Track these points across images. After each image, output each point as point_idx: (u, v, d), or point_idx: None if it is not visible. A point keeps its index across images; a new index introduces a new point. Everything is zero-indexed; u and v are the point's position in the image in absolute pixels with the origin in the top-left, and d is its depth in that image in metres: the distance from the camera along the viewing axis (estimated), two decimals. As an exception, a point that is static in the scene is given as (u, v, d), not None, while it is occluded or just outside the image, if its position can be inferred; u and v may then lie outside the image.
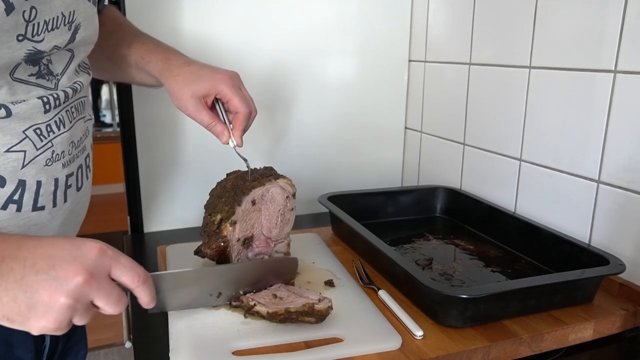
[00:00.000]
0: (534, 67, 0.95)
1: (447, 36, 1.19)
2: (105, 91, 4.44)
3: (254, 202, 0.77)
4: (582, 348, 0.74)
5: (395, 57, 1.31)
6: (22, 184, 0.62)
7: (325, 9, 1.20)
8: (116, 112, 4.08)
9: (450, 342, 0.68)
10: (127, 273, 0.54)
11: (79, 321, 0.52)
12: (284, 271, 0.77)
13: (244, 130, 0.80)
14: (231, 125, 0.80)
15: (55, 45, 0.62)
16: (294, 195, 0.80)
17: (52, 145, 0.64)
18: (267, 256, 0.79)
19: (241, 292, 0.73)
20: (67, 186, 0.68)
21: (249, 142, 1.19)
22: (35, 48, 0.59)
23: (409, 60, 1.32)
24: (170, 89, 0.79)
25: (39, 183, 0.63)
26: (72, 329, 0.83)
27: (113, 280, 0.53)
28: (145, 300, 0.57)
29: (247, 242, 0.77)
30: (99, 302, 0.52)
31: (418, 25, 1.28)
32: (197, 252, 0.79)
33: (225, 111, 0.81)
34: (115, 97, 1.14)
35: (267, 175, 0.79)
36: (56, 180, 0.66)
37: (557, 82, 0.91)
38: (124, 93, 1.08)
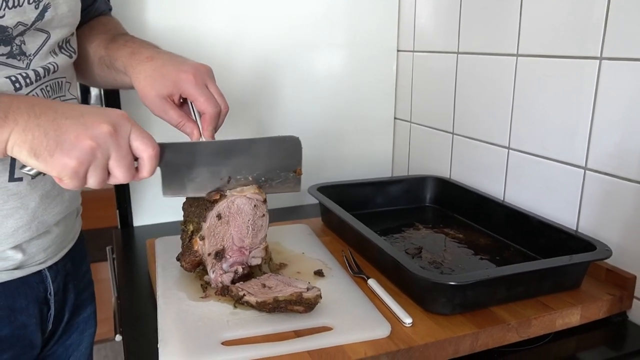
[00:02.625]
0: (521, 55, 0.96)
1: (435, 26, 1.19)
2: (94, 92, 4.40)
3: (219, 216, 0.73)
4: (570, 333, 0.74)
5: (383, 47, 1.31)
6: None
7: (313, 1, 1.20)
8: (105, 107, 4.03)
9: (439, 329, 0.68)
10: (144, 140, 0.59)
11: (92, 177, 0.56)
12: (288, 152, 0.75)
13: (215, 129, 0.75)
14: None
15: (20, 22, 0.62)
16: (264, 200, 0.75)
17: None
18: (242, 266, 0.76)
19: (250, 178, 0.72)
20: None
21: (238, 135, 1.19)
22: None
23: (398, 51, 1.32)
24: (135, 87, 0.75)
25: None
26: (81, 305, 0.85)
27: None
28: (148, 170, 0.60)
29: (219, 255, 0.74)
30: (114, 162, 0.56)
31: (406, 15, 1.28)
32: (178, 260, 0.78)
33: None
34: (102, 92, 1.13)
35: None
36: None
37: (544, 70, 0.91)
38: (111, 92, 1.08)
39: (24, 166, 0.56)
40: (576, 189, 0.88)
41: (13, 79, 0.63)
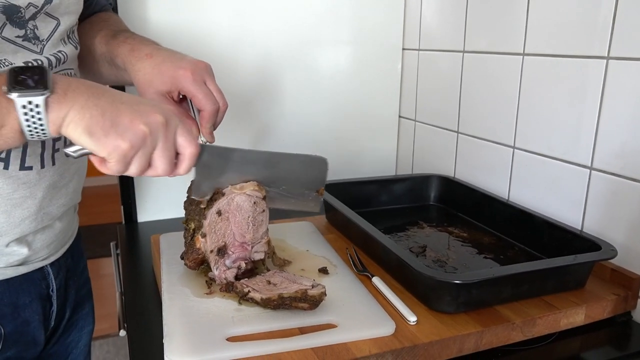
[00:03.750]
0: (527, 54, 0.95)
1: (441, 24, 1.19)
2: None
3: (219, 213, 0.73)
4: (574, 333, 0.74)
5: (388, 45, 1.31)
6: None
7: (319, -3, 1.19)
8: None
9: (443, 327, 0.68)
10: (189, 137, 0.60)
11: (136, 164, 0.57)
12: (316, 171, 0.77)
13: (214, 126, 0.75)
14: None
15: (31, 3, 0.63)
16: (264, 197, 0.75)
17: None
18: (245, 262, 0.76)
19: (276, 191, 0.74)
20: (55, 150, 0.70)
21: (242, 132, 1.19)
22: (8, 1, 0.61)
23: (403, 49, 1.32)
24: (134, 84, 0.76)
25: (25, 143, 0.65)
26: (80, 302, 0.86)
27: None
28: (186, 166, 0.61)
29: (221, 251, 0.74)
30: (159, 152, 0.58)
31: (411, 13, 1.27)
32: (182, 258, 0.78)
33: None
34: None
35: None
36: (43, 142, 0.68)
37: (550, 69, 0.91)
38: (116, 88, 1.07)
39: (70, 145, 0.56)
40: (581, 188, 0.87)
41: (30, 64, 0.64)
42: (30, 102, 0.51)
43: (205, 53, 1.02)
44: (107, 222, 3.55)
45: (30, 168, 0.67)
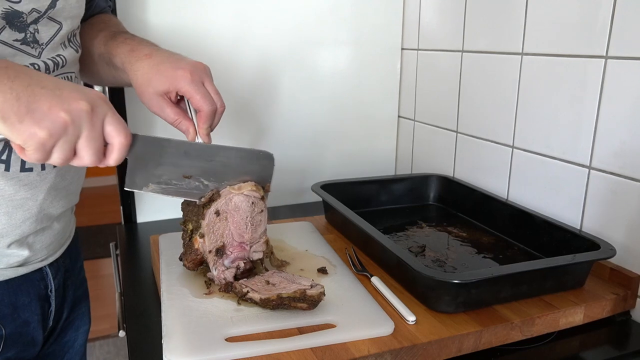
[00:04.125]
0: (526, 54, 0.95)
1: (440, 24, 1.19)
2: (98, 88, 4.41)
3: (218, 213, 0.73)
4: (573, 332, 0.74)
5: (387, 45, 1.31)
6: (9, 144, 0.63)
7: (318, -3, 1.20)
8: (109, 104, 4.05)
9: (442, 327, 0.68)
10: (118, 126, 0.57)
11: (57, 153, 0.53)
12: (261, 166, 0.74)
13: (211, 127, 0.75)
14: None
15: (34, 9, 0.63)
16: (262, 197, 0.75)
17: None
18: (243, 261, 0.75)
19: (216, 184, 0.72)
20: None
21: (241, 132, 1.19)
22: (12, 8, 0.60)
23: (402, 49, 1.32)
24: (132, 84, 0.75)
25: None
26: (77, 302, 0.86)
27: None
28: (115, 157, 0.58)
29: (220, 251, 0.74)
30: (84, 142, 0.54)
31: (410, 13, 1.27)
32: (180, 260, 0.78)
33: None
34: (107, 90, 1.14)
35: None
36: None
37: (549, 69, 0.91)
38: (115, 89, 1.08)
39: None
40: (580, 188, 0.87)
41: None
42: None
43: (204, 54, 1.02)
44: (107, 222, 3.56)
45: (31, 170, 0.68)
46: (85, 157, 0.55)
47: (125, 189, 0.68)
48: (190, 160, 0.71)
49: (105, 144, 0.58)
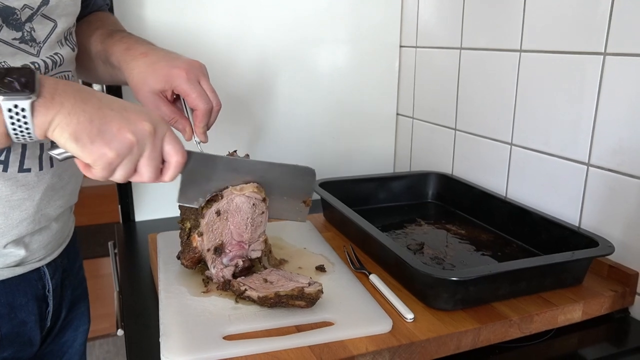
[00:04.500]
0: (525, 51, 0.95)
1: (438, 21, 1.19)
2: (97, 86, 4.41)
3: (218, 213, 0.73)
4: (572, 329, 0.74)
5: (386, 43, 1.30)
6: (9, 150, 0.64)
7: (316, -5, 1.19)
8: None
9: (440, 324, 0.68)
10: (176, 145, 0.59)
11: (121, 171, 0.56)
12: (303, 182, 0.76)
13: (207, 126, 0.75)
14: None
15: (26, 5, 0.63)
16: (263, 199, 0.75)
17: None
18: (242, 259, 0.75)
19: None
20: None
21: (240, 130, 1.19)
22: (2, 3, 0.60)
23: (400, 46, 1.32)
24: (128, 82, 0.75)
25: (24, 146, 0.66)
26: (75, 301, 0.86)
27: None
28: (171, 174, 0.61)
29: (219, 250, 0.74)
30: (145, 160, 0.57)
31: (409, 11, 1.27)
32: (178, 258, 0.78)
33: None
34: (105, 88, 1.15)
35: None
36: (41, 145, 0.68)
37: (547, 66, 0.91)
38: (112, 87, 1.08)
39: (54, 148, 0.55)
40: (579, 185, 0.87)
41: None
42: (16, 106, 0.50)
43: (201, 52, 1.02)
44: (105, 221, 3.55)
45: (29, 170, 0.67)
46: (145, 174, 0.58)
47: (178, 203, 0.71)
48: (238, 176, 0.73)
49: (163, 162, 0.60)
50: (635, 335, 0.75)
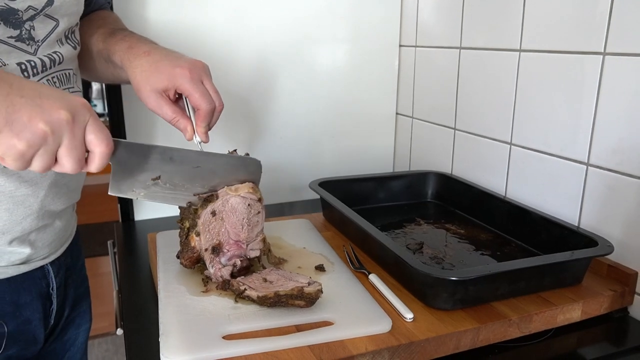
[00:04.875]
0: (524, 50, 0.95)
1: (438, 21, 1.19)
2: (97, 85, 4.41)
3: (214, 213, 0.72)
4: (571, 329, 0.74)
5: (385, 42, 1.30)
6: None
7: (315, -6, 1.19)
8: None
9: (440, 324, 0.68)
10: (100, 134, 0.56)
11: (37, 162, 0.52)
12: (248, 172, 0.74)
13: (209, 126, 0.75)
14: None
15: (31, 6, 0.63)
16: (259, 199, 0.75)
17: None
18: (240, 259, 0.75)
19: (202, 190, 0.72)
20: None
21: (239, 129, 1.19)
22: (7, 5, 0.60)
23: (400, 45, 1.31)
24: (131, 81, 0.75)
25: None
26: (78, 300, 0.85)
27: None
28: (97, 165, 0.57)
29: (216, 249, 0.74)
30: (64, 151, 0.53)
31: (408, 10, 1.27)
32: (177, 257, 0.78)
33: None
34: (104, 87, 1.15)
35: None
36: None
37: (546, 65, 0.91)
38: (112, 85, 1.07)
39: None
40: (578, 184, 0.87)
41: (23, 66, 0.64)
42: None
43: (203, 51, 1.02)
44: (105, 220, 3.55)
45: None
46: (66, 165, 0.55)
47: (109, 193, 0.68)
48: (176, 166, 0.70)
49: (87, 151, 0.57)
50: (634, 334, 0.75)
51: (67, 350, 0.87)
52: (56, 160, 0.54)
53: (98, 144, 0.56)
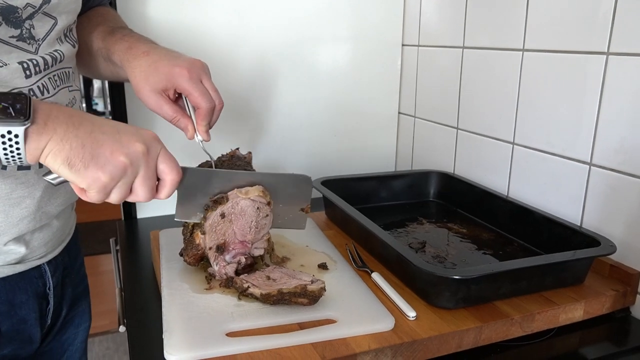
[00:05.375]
0: (527, 50, 0.95)
1: (440, 20, 1.19)
2: (98, 82, 4.41)
3: (223, 215, 0.73)
4: (573, 328, 0.75)
5: (388, 41, 1.30)
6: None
7: (318, -7, 1.19)
8: (108, 100, 4.06)
9: (442, 322, 0.68)
10: (170, 163, 0.60)
11: (116, 193, 0.57)
12: (300, 190, 0.77)
13: (209, 125, 0.75)
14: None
15: (29, 3, 0.63)
16: (268, 203, 0.75)
17: None
18: (244, 256, 0.76)
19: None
20: None
21: (241, 129, 1.19)
22: (6, 2, 0.60)
23: (402, 45, 1.32)
24: (130, 81, 0.75)
25: None
26: (76, 299, 0.86)
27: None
28: (167, 192, 0.61)
29: (221, 248, 0.74)
30: (140, 181, 0.57)
31: (411, 9, 1.27)
32: (181, 255, 0.78)
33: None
34: (107, 85, 1.16)
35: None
36: None
37: (549, 65, 0.91)
38: (115, 83, 1.07)
39: (49, 173, 0.56)
40: (581, 184, 0.87)
41: (25, 65, 0.64)
42: (9, 132, 0.49)
43: (203, 50, 1.02)
44: (106, 218, 3.55)
45: (29, 167, 0.67)
46: (141, 194, 0.58)
47: (176, 219, 0.72)
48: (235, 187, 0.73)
49: (158, 179, 0.60)
50: (636, 334, 0.76)
51: (66, 349, 0.86)
52: (131, 190, 0.58)
53: (169, 172, 0.60)
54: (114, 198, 0.57)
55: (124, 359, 2.30)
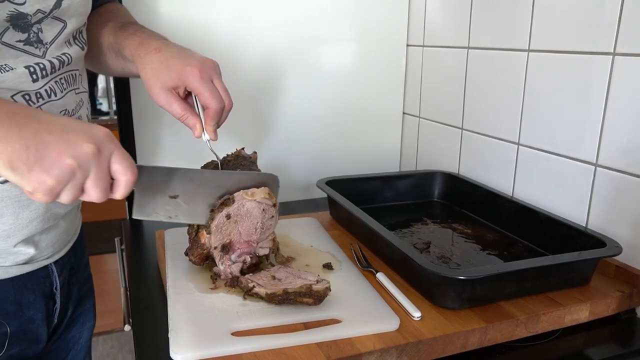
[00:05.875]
0: (533, 51, 0.95)
1: (446, 20, 1.19)
2: (101, 79, 4.42)
3: (228, 217, 0.72)
4: (578, 329, 0.74)
5: (393, 42, 1.30)
6: None
7: (323, -7, 1.19)
8: (113, 100, 4.06)
9: (447, 323, 0.68)
10: (125, 163, 0.57)
11: (66, 195, 0.54)
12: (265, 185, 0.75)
13: (218, 124, 0.75)
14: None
15: (39, 9, 0.63)
16: (274, 205, 0.75)
17: None
18: (250, 256, 0.76)
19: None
20: None
21: (246, 128, 1.20)
22: (17, 10, 0.60)
23: (407, 45, 1.32)
24: (141, 77, 0.75)
25: None
26: (82, 299, 0.86)
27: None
28: (122, 192, 0.58)
29: (226, 248, 0.74)
30: (92, 182, 0.54)
31: (416, 9, 1.27)
32: (186, 254, 0.78)
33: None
34: (112, 85, 1.16)
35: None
36: None
37: (555, 66, 0.91)
38: (121, 81, 1.08)
39: None
40: (586, 185, 0.87)
41: (31, 69, 0.64)
42: None
43: (209, 48, 1.01)
44: (112, 218, 3.56)
45: None
46: (93, 195, 0.56)
47: (133, 217, 0.69)
48: (198, 188, 0.71)
49: (112, 179, 0.58)
50: (641, 335, 0.75)
51: (71, 348, 0.87)
52: (83, 190, 0.55)
53: (123, 173, 0.57)
54: (64, 199, 0.54)
55: (128, 358, 2.30)
